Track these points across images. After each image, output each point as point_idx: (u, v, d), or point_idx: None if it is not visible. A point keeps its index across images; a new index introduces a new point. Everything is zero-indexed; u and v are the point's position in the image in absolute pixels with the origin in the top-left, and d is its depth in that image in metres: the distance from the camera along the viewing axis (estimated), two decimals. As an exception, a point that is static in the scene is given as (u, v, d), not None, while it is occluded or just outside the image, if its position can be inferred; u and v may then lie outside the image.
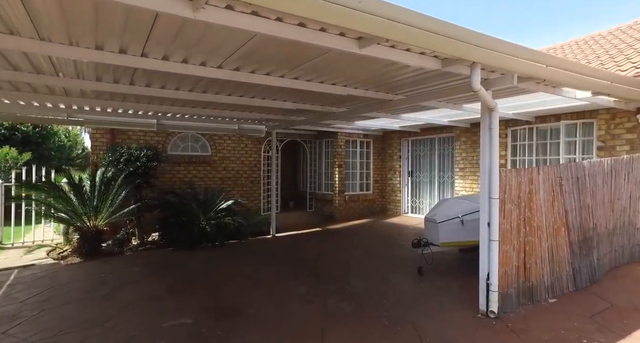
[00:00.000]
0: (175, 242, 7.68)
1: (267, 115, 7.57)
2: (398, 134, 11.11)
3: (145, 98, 5.76)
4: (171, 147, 9.39)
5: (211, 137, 9.94)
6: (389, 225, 9.92)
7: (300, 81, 4.57)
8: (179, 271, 5.87)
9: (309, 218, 11.24)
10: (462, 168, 9.08)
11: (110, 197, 7.09)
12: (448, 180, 9.82)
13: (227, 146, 10.22)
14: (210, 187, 9.86)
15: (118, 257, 6.86)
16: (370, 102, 6.04)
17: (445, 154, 9.91)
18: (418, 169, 10.82)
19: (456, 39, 3.06)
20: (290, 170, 13.96)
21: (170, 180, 9.32)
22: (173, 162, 9.32)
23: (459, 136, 9.17)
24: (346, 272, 5.71)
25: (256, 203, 10.64)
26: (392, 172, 11.37)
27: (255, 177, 10.65)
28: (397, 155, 11.16)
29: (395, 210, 11.25)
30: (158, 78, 4.53)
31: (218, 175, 10.07)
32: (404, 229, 9.20)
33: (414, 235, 8.30)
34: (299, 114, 7.45)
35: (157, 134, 9.07)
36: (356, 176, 11.39)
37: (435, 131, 9.89)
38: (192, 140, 9.75)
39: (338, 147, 10.83)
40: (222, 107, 6.66)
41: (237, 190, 10.34)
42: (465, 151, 9.01)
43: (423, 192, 10.64)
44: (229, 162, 10.23)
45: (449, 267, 5.90)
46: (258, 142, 10.65)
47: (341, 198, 10.84)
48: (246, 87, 4.99)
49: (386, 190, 11.60)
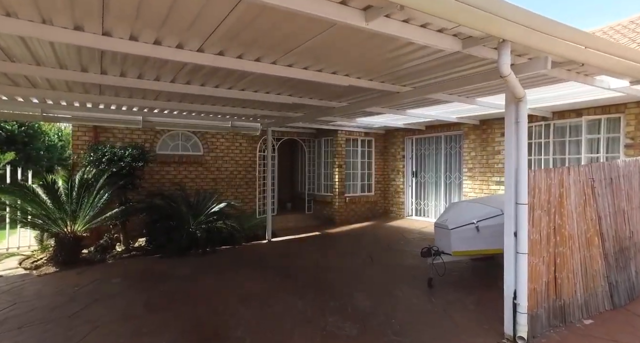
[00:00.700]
0: (162, 248, 7.09)
1: (262, 111, 6.98)
2: (402, 132, 10.54)
3: (124, 91, 5.18)
4: (160, 146, 8.80)
5: (203, 135, 9.35)
6: (392, 229, 9.34)
7: (296, 69, 3.99)
8: (162, 283, 5.29)
9: (307, 221, 10.66)
10: (471, 168, 8.51)
11: (90, 200, 6.49)
12: (455, 181, 9.25)
13: (221, 145, 9.64)
14: (203, 188, 9.28)
15: (98, 266, 6.26)
16: (374, 95, 5.46)
17: (452, 153, 9.34)
18: (423, 169, 10.25)
19: (485, 10, 2.48)
20: (288, 170, 13.38)
21: (159, 182, 8.74)
22: (162, 162, 8.73)
23: (468, 134, 8.60)
24: (348, 284, 5.13)
25: (251, 205, 10.06)
26: (395, 173, 10.79)
27: (250, 178, 10.07)
28: (401, 154, 10.59)
29: (399, 213, 10.68)
30: (132, 64, 3.94)
31: (210, 175, 9.49)
32: (408, 233, 8.62)
33: (420, 240, 7.76)
34: (295, 109, 6.86)
35: (145, 132, 8.49)
36: (357, 177, 10.81)
37: (441, 128, 9.31)
38: (183, 138, 9.17)
39: (338, 146, 10.25)
40: (212, 102, 6.08)
41: (231, 192, 9.76)
42: (474, 150, 8.44)
43: (428, 194, 10.06)
44: (222, 162, 9.65)
45: (461, 278, 5.32)
46: (253, 140, 10.07)
47: (341, 200, 10.27)
48: (235, 76, 4.41)
49: (389, 191, 11.03)
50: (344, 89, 5.16)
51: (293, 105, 6.33)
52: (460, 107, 6.91)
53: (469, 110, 7.17)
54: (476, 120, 8.20)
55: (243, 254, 7.26)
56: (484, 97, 5.61)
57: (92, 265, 6.27)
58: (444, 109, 7.17)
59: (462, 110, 7.22)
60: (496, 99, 5.87)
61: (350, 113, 7.42)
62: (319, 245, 7.90)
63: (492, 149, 7.99)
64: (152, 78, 4.47)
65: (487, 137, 8.07)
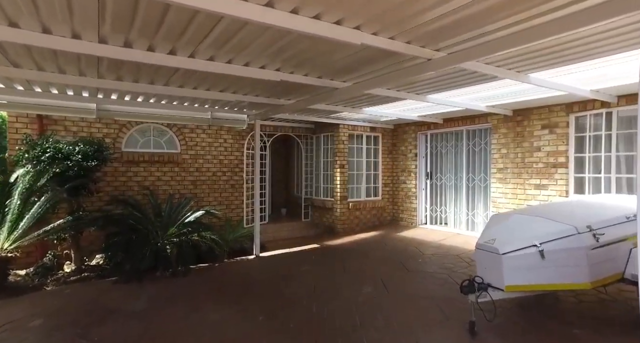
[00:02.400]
0: (120, 269, 5.62)
1: (245, 96, 5.54)
2: (413, 127, 9.09)
3: (71, 63, 3.74)
4: (127, 142, 7.34)
5: (180, 130, 7.90)
6: (404, 241, 7.87)
7: (280, 13, 2.54)
8: (101, 325, 3.82)
9: (304, 231, 9.20)
10: (501, 168, 7.05)
11: (16, 210, 5.02)
12: (480, 184, 7.79)
13: (201, 141, 8.18)
14: (179, 192, 7.83)
15: (28, 297, 4.80)
16: (394, 69, 4.01)
17: (476, 150, 7.88)
18: (439, 169, 8.79)
19: None
20: (283, 171, 11.93)
21: (125, 185, 7.28)
22: (129, 161, 7.27)
23: (497, 127, 7.14)
24: (356, 326, 3.67)
25: (238, 212, 8.60)
26: (405, 174, 9.34)
27: (237, 180, 8.61)
28: (413, 152, 9.13)
29: (410, 221, 9.21)
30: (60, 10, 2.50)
31: (189, 177, 8.03)
32: (424, 247, 7.15)
33: (441, 257, 6.27)
34: (286, 93, 5.42)
35: (107, 125, 7.03)
36: (361, 179, 9.35)
37: (463, 121, 7.86)
38: (156, 133, 7.71)
39: (339, 143, 8.80)
40: (178, 82, 4.63)
41: (213, 197, 8.30)
42: (505, 146, 6.98)
43: (446, 199, 8.60)
44: (203, 161, 8.19)
45: (514, 322, 3.85)
46: (240, 136, 8.62)
47: (343, 206, 8.81)
48: (192, 34, 2.96)
49: (398, 195, 9.57)
50: (348, 60, 3.71)
51: (282, 87, 4.88)
52: (495, 90, 5.47)
53: (503, 95, 5.71)
54: (508, 110, 6.75)
55: (222, 275, 5.80)
56: (542, 71, 4.14)
57: (20, 295, 4.81)
58: (472, 93, 5.72)
59: (495, 95, 5.76)
60: (552, 75, 4.44)
61: (356, 100, 5.98)
62: (317, 262, 6.44)
63: (529, 145, 6.54)
64: (92, 37, 3.04)
65: (523, 131, 6.62)
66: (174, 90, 4.98)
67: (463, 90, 5.35)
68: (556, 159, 6.09)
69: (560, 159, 6.04)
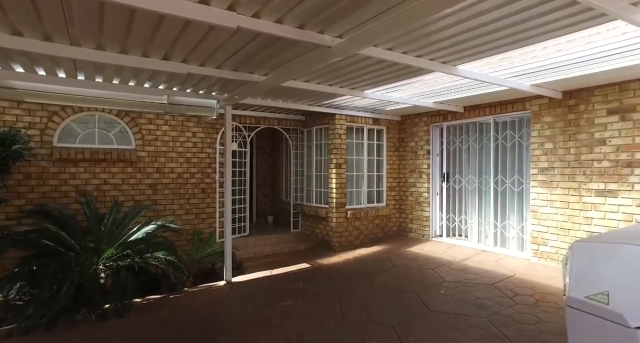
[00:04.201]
0: (21, 312, 3.98)
1: (199, 66, 3.93)
2: (425, 118, 7.47)
3: None
4: (61, 134, 5.72)
5: (135, 120, 6.27)
6: (417, 260, 6.25)
7: None
8: None
9: (293, 244, 7.57)
10: (545, 168, 5.43)
11: None
12: (513, 188, 6.17)
13: (163, 135, 6.55)
14: (134, 199, 6.22)
15: None
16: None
17: (508, 145, 6.25)
18: (458, 169, 7.18)
19: None
20: (270, 172, 10.30)
21: (57, 190, 5.65)
22: (64, 159, 5.65)
23: (539, 115, 5.52)
24: None
25: (210, 223, 6.97)
26: (416, 175, 7.72)
27: (209, 183, 6.98)
28: (425, 149, 7.52)
29: (421, 232, 7.59)
30: None
31: (146, 180, 6.40)
32: (445, 270, 5.53)
33: (470, 285, 4.35)
34: (260, 62, 3.79)
35: (30, 111, 5.40)
36: (362, 181, 7.74)
37: (491, 109, 6.25)
38: (103, 124, 6.08)
39: (335, 137, 7.18)
40: (110, 41, 3.02)
41: (178, 205, 6.67)
42: (551, 139, 5.37)
43: (467, 206, 6.98)
44: (165, 159, 6.57)
45: None
46: (214, 129, 7.00)
47: (340, 215, 7.19)
48: None
49: (407, 201, 7.95)
50: None
51: (251, 48, 3.27)
52: (550, 59, 3.86)
53: (556, 70, 4.10)
54: (556, 92, 5.13)
55: (174, 316, 4.18)
56: None
57: None
58: (513, 65, 4.11)
59: (541, 67, 4.13)
60: None
61: (355, 76, 4.36)
62: (304, 293, 4.82)
63: (588, 138, 4.94)
64: None
65: (579, 118, 5.02)
66: (87, 54, 3.35)
67: (504, 55, 3.75)
68: (631, 155, 4.48)
69: (638, 155, 4.43)
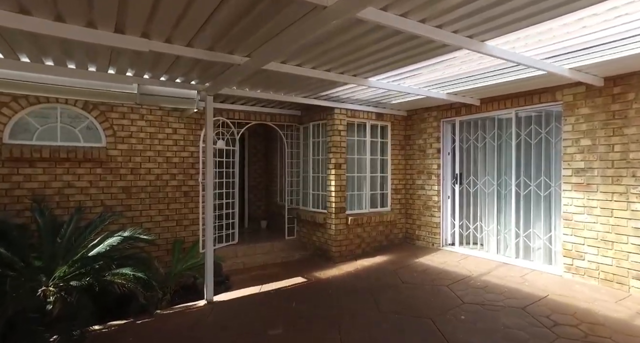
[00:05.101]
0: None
1: (166, 44, 3.15)
2: (435, 112, 6.68)
3: None
4: (14, 130, 4.93)
5: (105, 114, 5.48)
6: (428, 274, 5.46)
7: None
8: None
9: (287, 253, 6.77)
10: (582, 169, 4.63)
11: None
12: (539, 192, 5.37)
13: (139, 131, 5.76)
14: (105, 204, 5.44)
15: None
16: None
17: (533, 142, 5.45)
18: (473, 170, 6.38)
19: None
20: (264, 173, 9.51)
21: (8, 195, 4.86)
22: (17, 159, 4.86)
23: (573, 106, 4.73)
24: None
25: (193, 230, 6.17)
26: (424, 176, 6.93)
27: (192, 186, 6.19)
28: (434, 147, 6.73)
29: (430, 240, 6.80)
30: None
31: (119, 183, 5.60)
32: (462, 288, 4.73)
33: (495, 309, 3.27)
34: (240, 32, 3.01)
35: (-23, 102, 4.61)
36: (364, 183, 6.94)
37: (513, 101, 5.46)
38: (66, 118, 5.29)
39: (335, 135, 6.39)
40: None
41: (157, 210, 5.88)
42: (589, 135, 4.58)
43: (484, 212, 6.18)
44: (141, 159, 5.77)
45: None
46: (198, 125, 6.20)
47: (340, 221, 6.39)
48: None
49: (414, 206, 7.15)
50: None
51: (226, 15, 2.49)
52: (601, 31, 3.07)
53: (611, 42, 3.31)
54: (597, 78, 4.34)
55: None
56: None
57: None
58: (554, 41, 3.33)
59: (593, 44, 3.35)
60: None
61: (357, 59, 3.57)
62: (298, 318, 4.02)
63: (636, 132, 4.16)
64: None
65: (626, 110, 4.23)
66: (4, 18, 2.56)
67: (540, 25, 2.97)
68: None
69: None
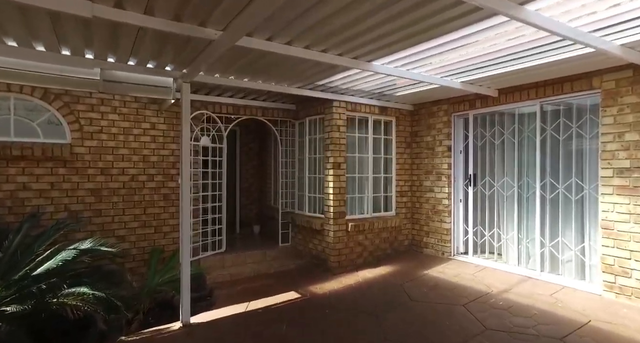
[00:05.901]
0: None
1: (117, 9, 2.45)
2: (445, 105, 5.99)
3: None
4: (-40, 123, 4.24)
5: (70, 106, 4.78)
6: (439, 289, 4.76)
7: None
8: None
9: (280, 263, 6.08)
10: (627, 169, 3.93)
11: None
12: (570, 196, 4.67)
13: (110, 126, 5.07)
14: (69, 209, 4.75)
15: None
16: None
17: (561, 138, 4.74)
18: (489, 170, 5.68)
19: None
20: (257, 173, 8.81)
21: (-48, 199, 4.17)
22: (-37, 156, 4.17)
23: (616, 94, 4.02)
24: None
25: (174, 238, 5.48)
26: (433, 177, 6.23)
27: (173, 188, 5.50)
28: (444, 144, 6.03)
29: (440, 249, 6.10)
30: None
31: (87, 184, 4.91)
32: (481, 309, 4.03)
33: (526, 340, 2.87)
34: None
35: None
36: (366, 184, 6.24)
37: (537, 91, 4.76)
38: (22, 111, 4.60)
39: (333, 131, 5.69)
40: None
41: (132, 215, 5.19)
42: (635, 128, 3.87)
43: (502, 217, 5.48)
44: (114, 158, 5.08)
45: None
46: (179, 119, 5.50)
47: (339, 227, 5.70)
48: None
49: (421, 210, 6.45)
50: None
51: None
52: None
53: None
54: (643, 61, 3.65)
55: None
56: None
57: None
58: (609, 4, 2.63)
59: None
60: None
61: (359, 34, 2.88)
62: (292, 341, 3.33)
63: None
64: None
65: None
66: None
67: None
68: None
69: None
